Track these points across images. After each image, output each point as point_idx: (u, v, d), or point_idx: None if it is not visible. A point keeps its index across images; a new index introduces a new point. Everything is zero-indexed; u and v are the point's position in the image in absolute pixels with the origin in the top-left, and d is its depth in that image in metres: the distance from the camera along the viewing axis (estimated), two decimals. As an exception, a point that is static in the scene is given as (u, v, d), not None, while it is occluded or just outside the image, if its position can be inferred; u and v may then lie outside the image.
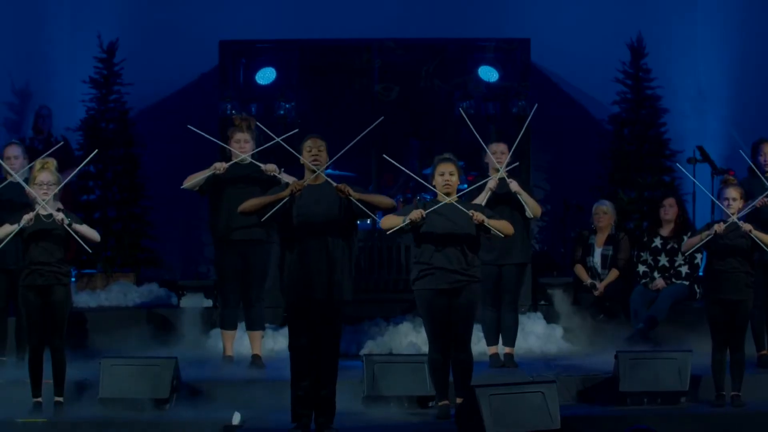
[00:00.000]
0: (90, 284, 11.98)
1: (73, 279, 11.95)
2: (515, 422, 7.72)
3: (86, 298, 11.65)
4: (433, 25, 12.98)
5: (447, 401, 8.32)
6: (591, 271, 11.00)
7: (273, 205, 7.76)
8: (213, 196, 9.55)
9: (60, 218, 8.37)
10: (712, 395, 8.73)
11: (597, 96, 13.23)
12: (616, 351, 9.00)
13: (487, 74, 12.39)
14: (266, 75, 12.49)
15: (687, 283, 10.79)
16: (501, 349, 9.64)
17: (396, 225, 8.12)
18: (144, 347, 10.12)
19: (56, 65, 13.31)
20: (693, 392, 8.87)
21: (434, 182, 8.33)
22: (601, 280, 10.91)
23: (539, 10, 13.15)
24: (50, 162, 8.56)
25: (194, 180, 9.38)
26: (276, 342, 10.48)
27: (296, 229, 7.79)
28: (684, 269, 10.79)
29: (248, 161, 9.36)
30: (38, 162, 8.60)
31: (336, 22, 12.97)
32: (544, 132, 12.12)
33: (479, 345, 9.72)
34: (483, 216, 8.16)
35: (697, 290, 10.76)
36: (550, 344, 10.67)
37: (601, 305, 10.89)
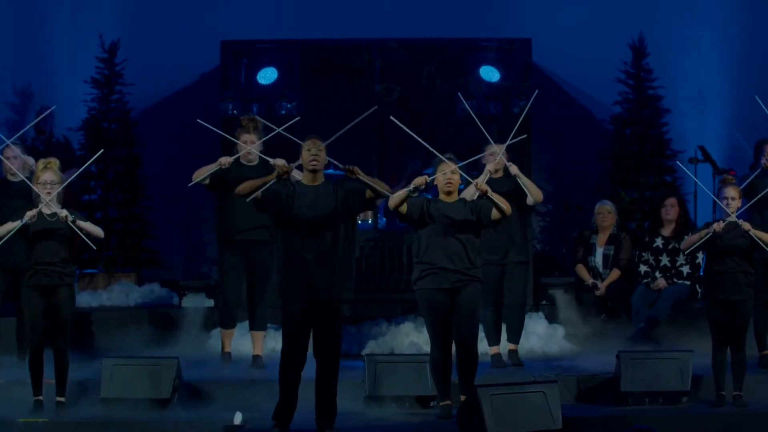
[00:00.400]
0: (91, 284, 11.98)
1: (75, 279, 11.98)
2: (517, 422, 7.72)
3: (88, 298, 11.65)
4: (434, 26, 12.98)
5: (449, 401, 8.32)
6: (592, 271, 11.00)
7: (260, 188, 7.77)
8: (219, 197, 9.56)
9: (64, 215, 8.34)
10: (713, 395, 8.73)
11: (598, 96, 13.22)
12: (618, 351, 9.00)
13: (489, 74, 12.38)
14: (267, 75, 12.47)
15: (688, 283, 10.79)
16: (505, 347, 9.63)
17: (401, 196, 8.11)
18: (145, 347, 10.13)
19: (57, 65, 13.30)
20: (694, 392, 8.87)
21: (436, 181, 8.35)
22: (603, 280, 10.91)
23: (540, 10, 13.14)
24: (53, 162, 8.54)
25: (200, 176, 9.37)
26: (277, 342, 10.40)
27: (295, 230, 7.79)
28: (685, 269, 10.78)
29: (256, 162, 9.36)
30: (41, 162, 8.58)
31: (337, 22, 12.96)
32: (545, 132, 12.12)
33: (480, 345, 9.68)
34: (487, 186, 8.20)
35: (699, 290, 10.76)
36: (552, 344, 10.66)
37: (603, 305, 10.89)
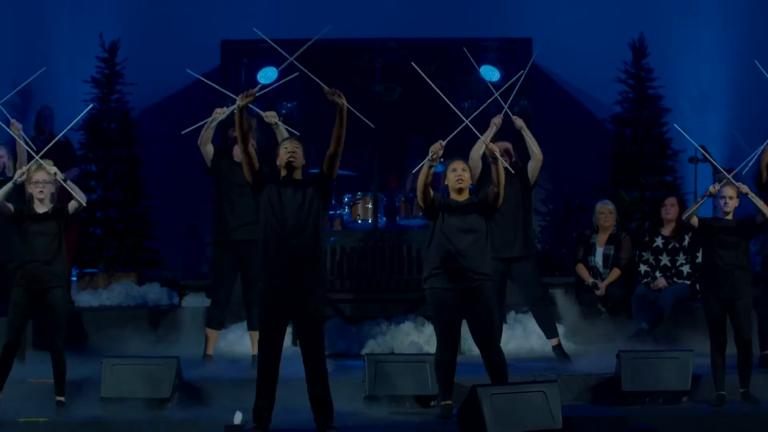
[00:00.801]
0: (92, 284, 11.97)
1: (75, 278, 11.97)
2: (517, 422, 7.72)
3: (88, 298, 11.65)
4: (435, 25, 12.98)
5: (450, 401, 8.32)
6: (593, 271, 10.99)
7: (241, 120, 7.79)
8: (215, 197, 9.59)
9: (53, 171, 8.37)
10: (713, 395, 8.72)
11: (598, 96, 13.22)
12: (618, 351, 9.01)
13: (489, 74, 12.37)
14: (268, 75, 12.45)
15: (688, 283, 10.78)
16: (546, 344, 9.74)
17: (424, 171, 8.08)
18: (145, 347, 10.13)
19: (57, 65, 13.28)
20: (694, 392, 8.87)
21: (446, 180, 8.38)
22: (603, 280, 10.90)
23: (541, 10, 13.14)
24: (47, 162, 8.56)
25: (204, 137, 9.50)
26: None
27: (267, 235, 7.74)
28: (685, 269, 10.78)
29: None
30: (34, 163, 8.59)
31: (338, 22, 12.92)
32: (546, 132, 12.10)
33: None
34: (496, 147, 8.22)
35: (699, 289, 10.75)
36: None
37: (603, 305, 10.88)
